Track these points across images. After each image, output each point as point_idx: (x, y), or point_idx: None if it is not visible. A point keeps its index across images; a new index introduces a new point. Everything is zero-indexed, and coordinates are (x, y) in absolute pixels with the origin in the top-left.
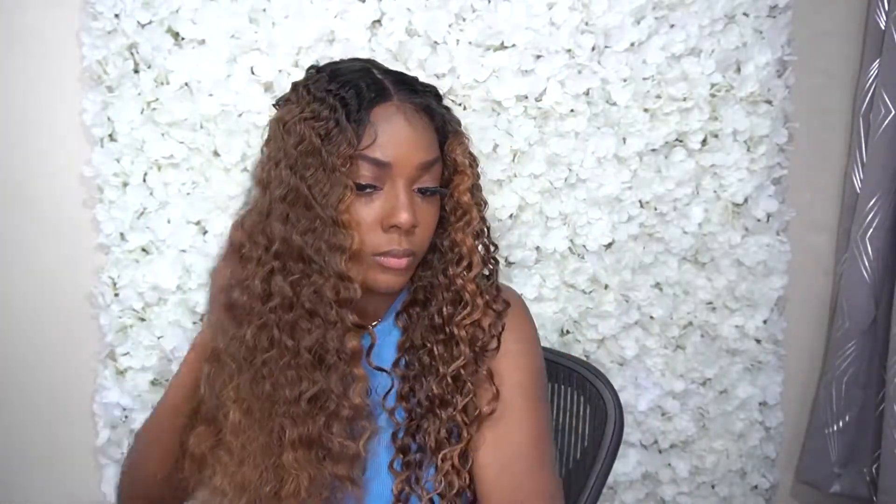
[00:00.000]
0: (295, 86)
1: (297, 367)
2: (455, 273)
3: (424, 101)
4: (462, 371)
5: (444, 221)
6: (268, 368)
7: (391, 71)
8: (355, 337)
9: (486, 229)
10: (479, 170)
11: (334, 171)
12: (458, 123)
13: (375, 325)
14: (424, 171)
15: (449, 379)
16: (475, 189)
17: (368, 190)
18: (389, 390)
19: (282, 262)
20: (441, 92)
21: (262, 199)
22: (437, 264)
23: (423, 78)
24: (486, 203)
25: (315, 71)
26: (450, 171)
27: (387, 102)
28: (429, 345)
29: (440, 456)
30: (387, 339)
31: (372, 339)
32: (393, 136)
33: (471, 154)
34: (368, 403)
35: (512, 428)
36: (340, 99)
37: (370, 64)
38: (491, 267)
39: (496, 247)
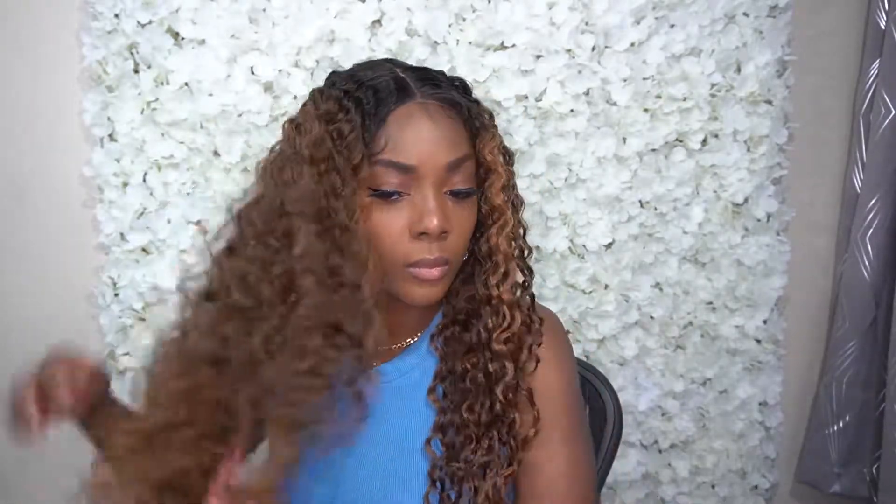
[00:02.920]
0: (313, 91)
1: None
2: (493, 283)
3: (449, 94)
4: (507, 394)
5: (481, 225)
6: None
7: (414, 67)
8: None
9: (522, 231)
10: (514, 168)
11: (348, 177)
12: (491, 116)
13: (406, 347)
14: (454, 171)
15: (495, 401)
16: (509, 188)
17: (394, 197)
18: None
19: (307, 263)
20: (469, 84)
21: (273, 195)
22: (478, 276)
23: None
24: (523, 203)
25: (335, 75)
26: (483, 170)
27: (408, 101)
28: (470, 370)
29: (478, 487)
30: (421, 366)
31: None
32: (416, 136)
33: (504, 149)
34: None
35: (555, 450)
36: (356, 100)
37: (393, 63)
38: (527, 275)
39: (531, 251)
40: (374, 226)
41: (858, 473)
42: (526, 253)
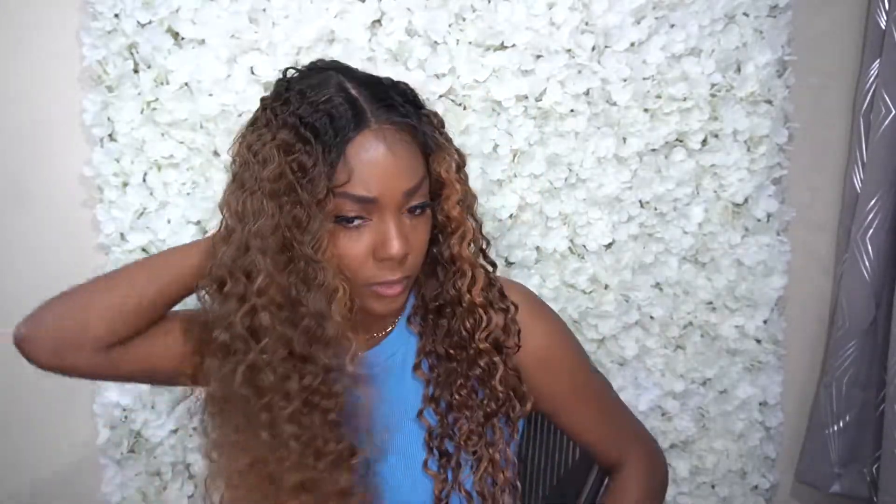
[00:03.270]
0: (263, 105)
1: (295, 413)
2: (462, 287)
3: (403, 118)
4: (504, 382)
5: (439, 231)
6: (265, 415)
7: (365, 81)
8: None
9: (479, 226)
10: (467, 170)
11: (313, 210)
12: (441, 125)
13: (385, 335)
14: (411, 196)
15: (497, 394)
16: (465, 199)
17: (356, 222)
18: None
19: (265, 300)
20: (411, 86)
21: (238, 230)
22: (443, 276)
23: (422, 78)
24: (475, 199)
25: (284, 88)
26: (438, 185)
27: (364, 130)
28: (455, 358)
29: (475, 453)
30: (404, 346)
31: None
32: (374, 168)
33: (457, 162)
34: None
35: (580, 412)
36: (312, 129)
37: (341, 75)
38: (491, 270)
39: (489, 243)
40: (338, 250)
41: (858, 473)
42: (485, 246)
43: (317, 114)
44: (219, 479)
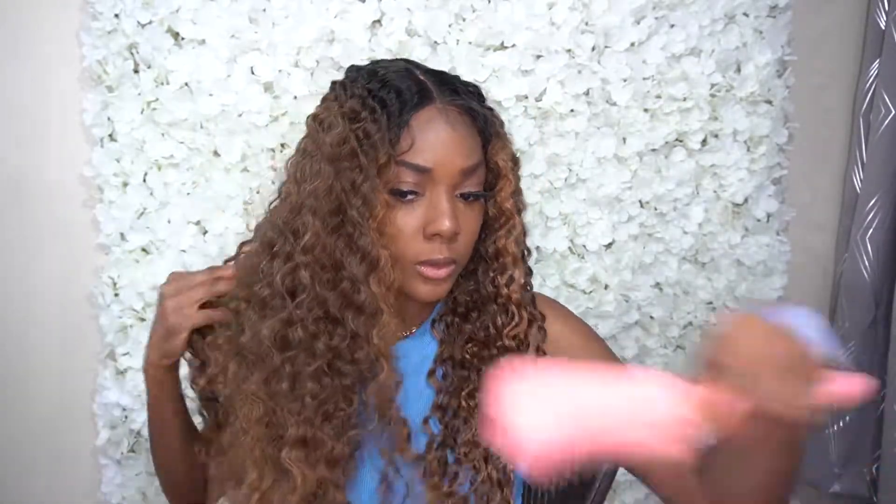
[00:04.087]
0: (333, 84)
1: (317, 371)
2: (501, 283)
3: (467, 102)
4: None
5: (487, 227)
6: (288, 367)
7: (432, 71)
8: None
9: (524, 234)
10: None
11: (371, 176)
12: (502, 125)
13: (409, 335)
14: (467, 176)
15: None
16: (517, 193)
17: (410, 197)
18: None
19: (310, 258)
20: (483, 91)
21: (294, 193)
22: (482, 274)
23: None
24: (525, 207)
25: (355, 70)
26: (493, 175)
27: (429, 105)
28: (474, 360)
29: (475, 467)
30: (422, 350)
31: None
32: (435, 140)
33: (513, 157)
34: (390, 414)
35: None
36: (380, 100)
37: (411, 64)
38: (528, 275)
39: (531, 252)
40: (389, 223)
41: (858, 473)
42: (527, 254)
43: (385, 88)
44: (229, 432)
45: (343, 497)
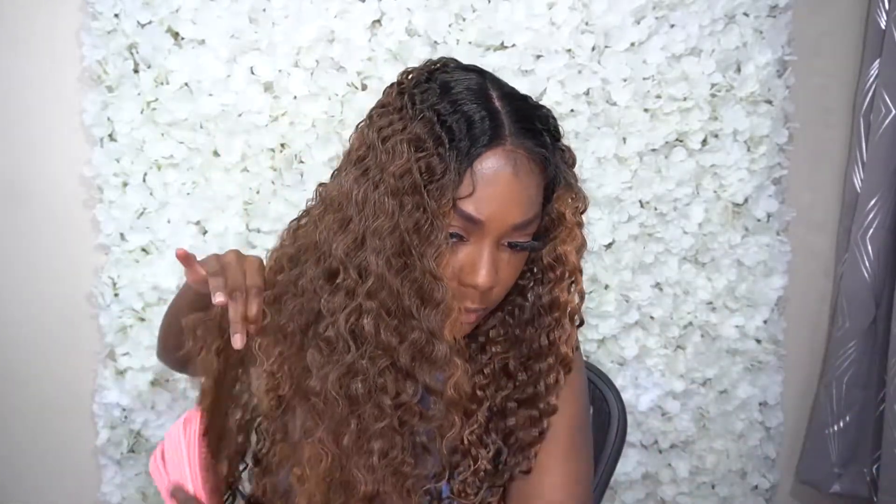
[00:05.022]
0: (401, 90)
1: (386, 429)
2: (559, 340)
3: (540, 146)
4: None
5: (538, 273)
6: (355, 423)
7: (508, 94)
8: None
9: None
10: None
11: (436, 220)
12: (574, 175)
13: None
14: (519, 229)
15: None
16: (583, 247)
17: (454, 239)
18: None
19: (375, 304)
20: (553, 113)
21: (356, 220)
22: (539, 324)
23: None
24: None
25: (426, 76)
26: (552, 222)
27: (498, 146)
28: (478, 399)
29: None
30: None
31: None
32: (494, 192)
33: (582, 206)
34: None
35: (555, 463)
36: (448, 130)
37: (487, 79)
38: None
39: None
40: (443, 267)
41: (858, 473)
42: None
43: (455, 115)
44: (289, 473)
45: None
